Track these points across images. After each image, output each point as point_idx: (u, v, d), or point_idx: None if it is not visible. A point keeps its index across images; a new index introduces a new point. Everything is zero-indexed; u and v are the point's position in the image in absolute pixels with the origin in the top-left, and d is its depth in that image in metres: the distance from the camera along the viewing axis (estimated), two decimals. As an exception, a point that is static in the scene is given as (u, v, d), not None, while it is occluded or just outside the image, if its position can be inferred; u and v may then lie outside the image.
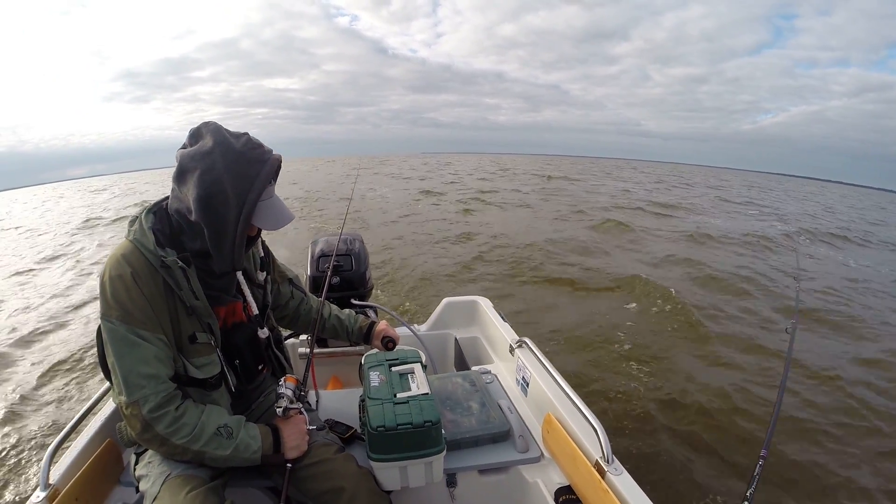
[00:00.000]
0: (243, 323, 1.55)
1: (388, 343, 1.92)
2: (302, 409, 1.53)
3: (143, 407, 1.21)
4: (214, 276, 1.40)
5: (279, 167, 1.36)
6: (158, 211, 1.37)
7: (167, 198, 1.36)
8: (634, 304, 7.15)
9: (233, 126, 1.26)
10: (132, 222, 1.34)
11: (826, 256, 12.31)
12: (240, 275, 1.47)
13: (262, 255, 1.69)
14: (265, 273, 1.68)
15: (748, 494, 1.31)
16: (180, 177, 1.26)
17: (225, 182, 1.22)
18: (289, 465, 1.44)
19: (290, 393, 1.50)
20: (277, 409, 1.47)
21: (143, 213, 1.35)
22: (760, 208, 22.98)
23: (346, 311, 2.03)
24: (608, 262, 9.67)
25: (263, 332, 1.57)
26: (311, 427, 1.54)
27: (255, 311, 1.57)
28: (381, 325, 1.99)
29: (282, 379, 1.54)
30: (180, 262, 1.29)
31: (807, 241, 14.21)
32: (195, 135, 1.28)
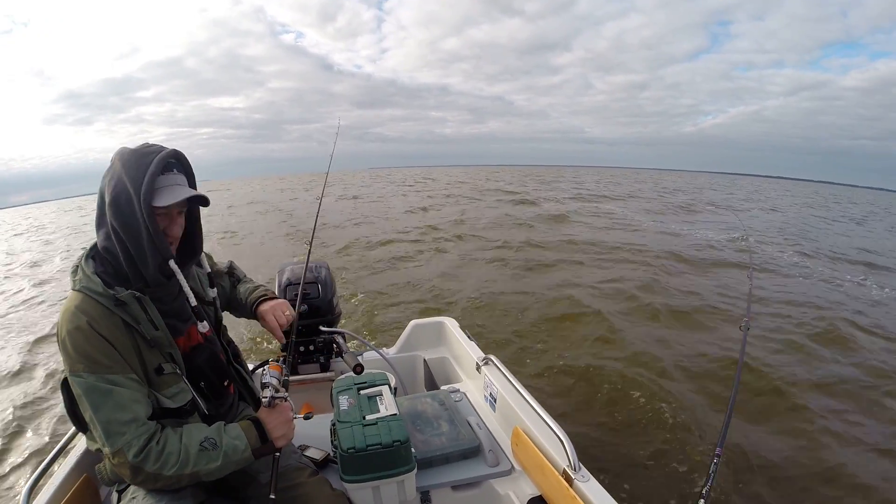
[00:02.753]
0: (200, 344, 1.55)
1: (357, 368, 1.95)
2: (287, 397, 1.52)
3: (129, 453, 1.20)
4: (165, 304, 1.41)
5: (180, 157, 1.40)
6: (97, 255, 1.38)
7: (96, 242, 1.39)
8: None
9: (177, 146, 1.31)
10: (74, 271, 1.34)
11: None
12: (188, 291, 1.45)
13: (208, 270, 1.68)
14: (214, 288, 1.69)
15: (704, 492, 1.35)
16: (100, 205, 1.32)
17: (125, 180, 1.28)
18: (276, 453, 1.45)
19: (274, 381, 1.50)
20: (263, 400, 1.46)
21: (83, 260, 1.35)
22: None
23: (250, 285, 1.96)
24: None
25: (203, 326, 1.52)
26: (296, 416, 1.53)
27: (211, 330, 1.58)
28: (270, 302, 1.88)
29: (264, 368, 1.55)
30: (136, 293, 1.31)
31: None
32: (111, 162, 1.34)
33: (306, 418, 1.64)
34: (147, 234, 1.29)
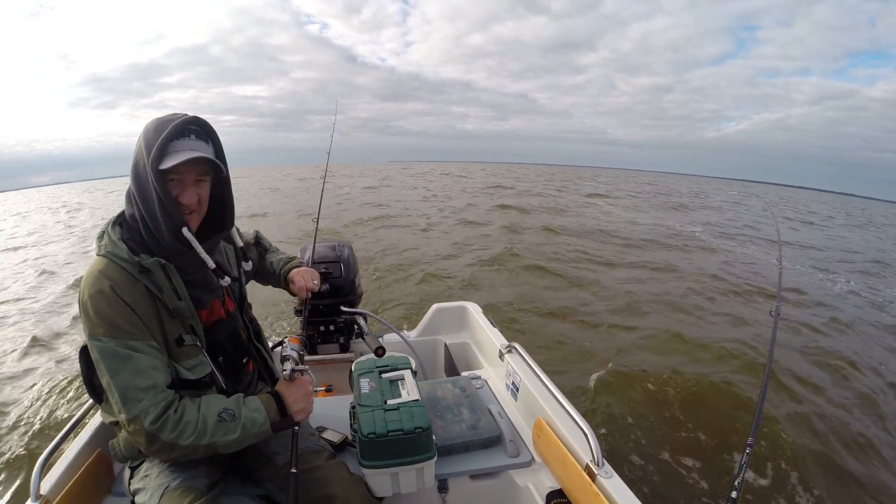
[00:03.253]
0: (222, 319, 1.55)
1: (378, 350, 1.94)
2: (307, 370, 1.51)
3: (145, 420, 1.20)
4: (189, 274, 1.40)
5: (202, 124, 1.35)
6: (123, 222, 1.37)
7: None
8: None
9: None
10: (100, 237, 1.34)
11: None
12: (207, 259, 1.42)
13: (239, 246, 1.67)
14: (249, 262, 1.70)
15: (736, 483, 1.31)
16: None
17: (142, 145, 1.27)
18: (296, 426, 1.44)
19: (294, 354, 1.50)
20: (283, 373, 1.45)
21: (109, 226, 1.35)
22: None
23: (283, 255, 2.01)
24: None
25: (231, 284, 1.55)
26: (317, 388, 1.53)
27: (234, 305, 1.60)
28: (301, 269, 1.94)
29: (285, 339, 1.54)
30: (161, 261, 1.30)
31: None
32: None
33: (328, 391, 1.60)
34: (158, 199, 1.27)
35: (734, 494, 1.29)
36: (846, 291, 9.66)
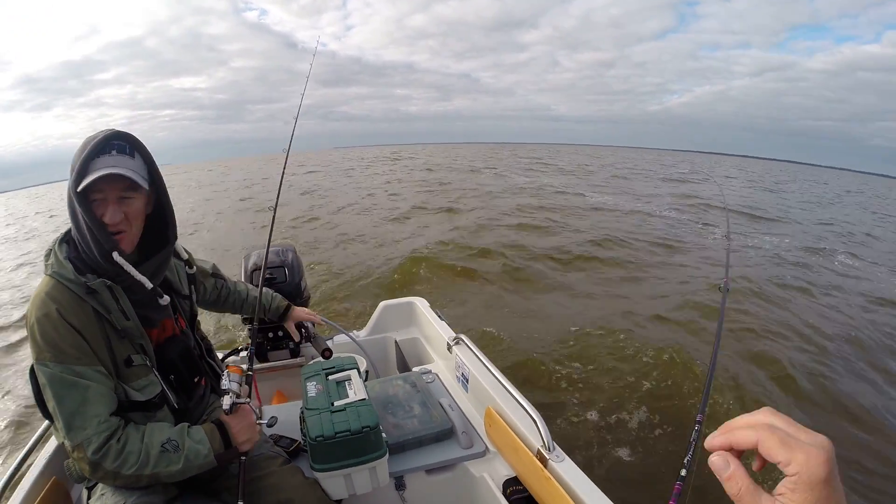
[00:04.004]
0: (175, 336, 1.53)
1: (325, 353, 1.93)
2: (248, 401, 1.49)
3: (88, 449, 1.18)
4: (136, 293, 1.36)
5: (124, 137, 1.28)
6: (70, 240, 1.33)
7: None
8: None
9: (138, 130, 1.23)
10: (47, 255, 1.30)
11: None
12: (143, 279, 1.37)
13: (188, 268, 1.68)
14: (190, 284, 1.67)
15: (686, 461, 1.32)
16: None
17: (70, 168, 1.24)
18: (242, 457, 1.42)
19: (234, 386, 1.47)
20: (224, 408, 1.43)
21: (56, 244, 1.31)
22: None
23: (268, 289, 2.09)
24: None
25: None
26: (261, 421, 1.50)
27: (185, 323, 1.58)
28: (301, 309, 2.11)
29: (224, 372, 1.51)
30: (107, 282, 1.27)
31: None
32: None
33: (268, 423, 1.58)
34: (84, 222, 1.23)
35: (683, 472, 1.30)
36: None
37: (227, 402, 1.43)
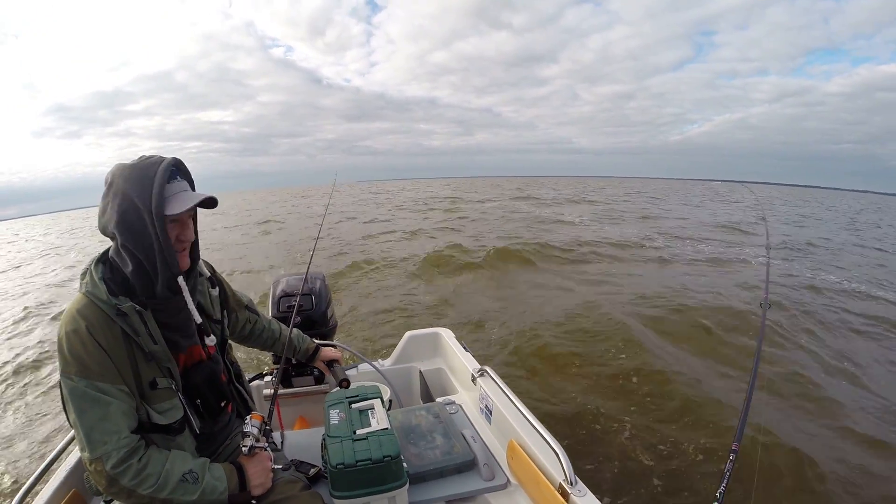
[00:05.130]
0: (202, 362, 1.55)
1: (343, 383, 1.95)
2: (267, 447, 1.52)
3: (107, 463, 1.21)
4: (169, 317, 1.41)
5: (181, 164, 1.38)
6: (107, 261, 1.38)
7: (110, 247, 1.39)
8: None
9: None
10: (83, 275, 1.34)
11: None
12: (193, 309, 1.46)
13: (217, 291, 1.71)
14: (223, 309, 1.71)
15: (718, 494, 1.25)
16: (105, 221, 1.31)
17: (131, 195, 1.26)
18: (253, 501, 1.43)
19: (255, 431, 1.49)
20: (243, 448, 1.46)
21: (93, 264, 1.35)
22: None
23: (296, 330, 2.12)
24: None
25: (211, 340, 1.56)
26: (276, 466, 1.54)
27: (215, 348, 1.60)
28: (329, 350, 2.13)
29: (247, 417, 1.54)
30: (137, 307, 1.31)
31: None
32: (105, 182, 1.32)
33: (284, 467, 1.60)
34: (159, 247, 1.29)
35: None
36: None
37: (248, 443, 1.46)
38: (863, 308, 8.06)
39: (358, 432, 1.62)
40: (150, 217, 1.26)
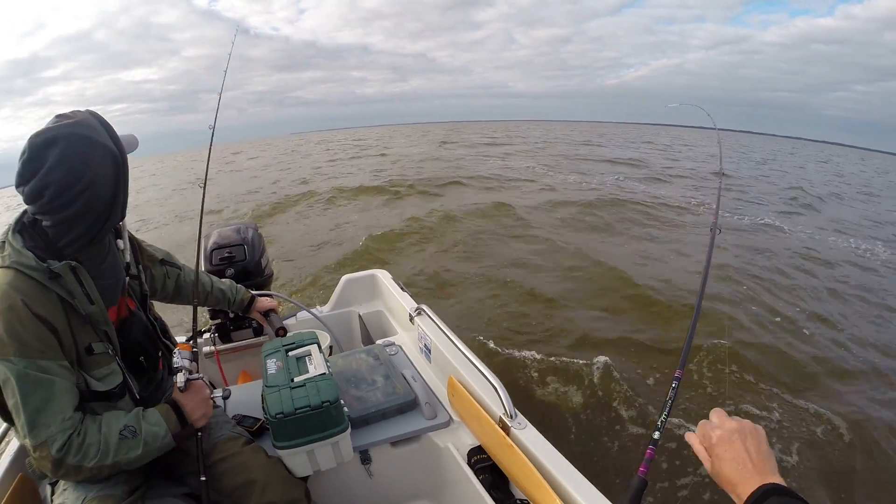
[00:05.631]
0: (133, 315, 1.50)
1: (279, 331, 1.91)
2: (202, 377, 1.50)
3: (52, 447, 1.16)
4: (99, 271, 1.36)
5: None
6: (22, 229, 1.28)
7: (24, 213, 1.30)
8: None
9: None
10: (1, 248, 1.24)
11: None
12: (128, 247, 1.47)
13: (132, 248, 1.62)
14: (137, 264, 1.63)
15: (660, 422, 1.22)
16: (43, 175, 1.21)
17: (113, 143, 1.28)
18: (198, 433, 1.43)
19: (186, 363, 1.47)
20: (178, 385, 1.43)
21: (10, 235, 1.26)
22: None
23: (228, 281, 2.06)
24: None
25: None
26: (215, 394, 1.52)
27: (135, 304, 1.54)
28: (265, 300, 2.08)
29: (175, 351, 1.52)
30: (72, 263, 1.24)
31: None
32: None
33: (220, 393, 1.57)
34: (122, 193, 1.32)
35: (657, 435, 1.22)
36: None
37: (180, 379, 1.43)
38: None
39: (295, 380, 1.59)
40: (123, 162, 1.29)
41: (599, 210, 10.52)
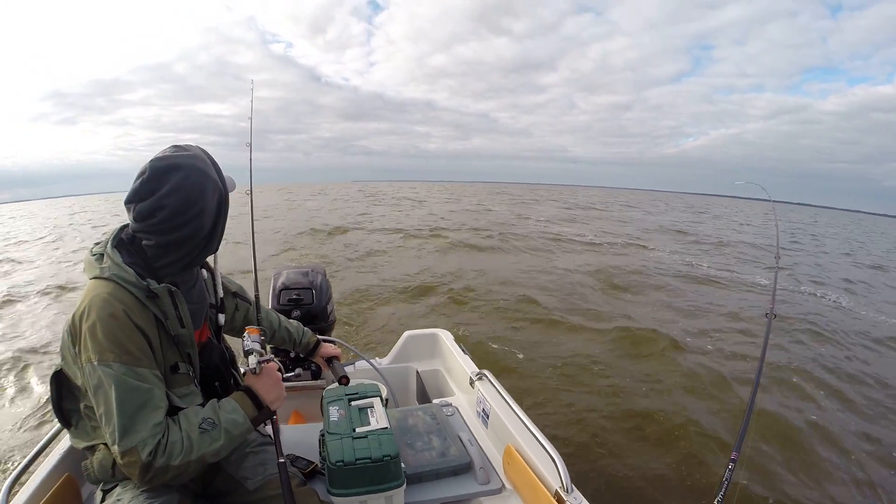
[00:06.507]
0: (210, 342, 1.56)
1: (343, 379, 1.93)
2: (273, 358, 1.52)
3: (142, 452, 1.18)
4: (191, 298, 1.43)
5: None
6: (120, 244, 1.36)
7: (122, 229, 1.39)
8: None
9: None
10: (99, 259, 1.32)
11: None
12: (220, 283, 1.54)
13: (211, 278, 1.70)
14: (217, 294, 1.70)
15: (717, 502, 1.22)
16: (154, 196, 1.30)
17: (216, 174, 1.38)
18: (274, 415, 1.46)
19: (257, 346, 1.50)
20: (250, 368, 1.45)
21: (108, 249, 1.33)
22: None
23: (296, 322, 2.10)
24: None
25: (222, 319, 1.63)
26: (287, 374, 1.57)
27: (211, 333, 1.60)
28: (329, 346, 2.12)
29: (244, 333, 1.55)
30: (171, 287, 1.31)
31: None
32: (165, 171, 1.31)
33: (292, 386, 1.58)
34: (223, 225, 1.43)
35: None
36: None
37: (252, 361, 1.46)
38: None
39: (357, 430, 1.62)
40: (225, 197, 1.40)
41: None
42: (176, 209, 1.29)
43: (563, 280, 10.18)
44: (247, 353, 1.48)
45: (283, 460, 1.39)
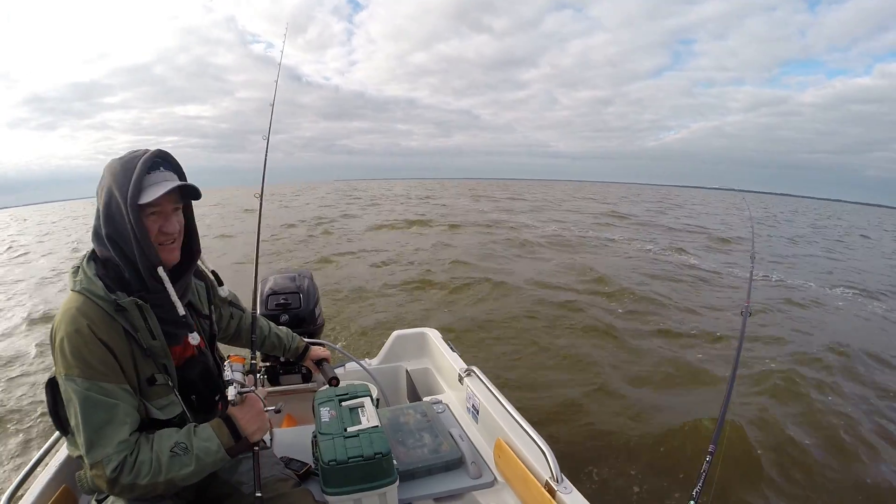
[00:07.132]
0: (194, 357, 1.53)
1: (332, 381, 1.94)
2: (255, 390, 1.48)
3: (107, 467, 1.18)
4: (164, 311, 1.39)
5: (167, 156, 1.39)
6: (96, 257, 1.36)
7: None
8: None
9: None
10: (75, 272, 1.32)
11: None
12: (176, 300, 1.41)
13: (206, 286, 1.69)
14: (210, 304, 1.69)
15: (694, 493, 1.25)
16: (96, 216, 1.33)
17: (113, 187, 1.28)
18: (255, 447, 1.42)
19: (238, 376, 1.46)
20: (230, 398, 1.41)
21: (84, 262, 1.33)
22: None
23: (285, 329, 2.09)
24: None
25: (194, 338, 1.49)
26: (269, 408, 1.48)
27: (204, 343, 1.58)
28: (318, 349, 2.12)
29: (225, 363, 1.51)
30: (138, 301, 1.30)
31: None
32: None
33: (277, 411, 1.57)
34: (135, 238, 1.28)
35: None
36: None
37: (231, 392, 1.41)
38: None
39: (349, 430, 1.64)
40: (125, 207, 1.26)
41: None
42: (101, 221, 1.31)
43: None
44: (227, 384, 1.44)
45: (259, 494, 1.39)
